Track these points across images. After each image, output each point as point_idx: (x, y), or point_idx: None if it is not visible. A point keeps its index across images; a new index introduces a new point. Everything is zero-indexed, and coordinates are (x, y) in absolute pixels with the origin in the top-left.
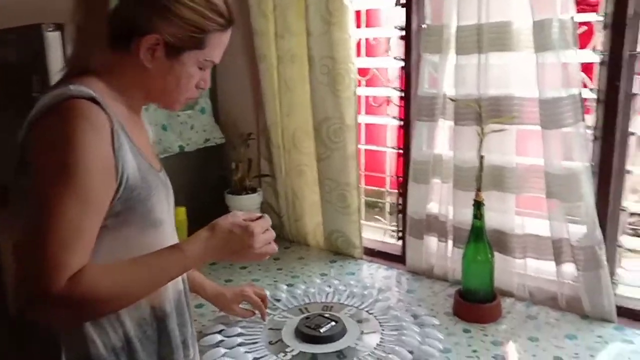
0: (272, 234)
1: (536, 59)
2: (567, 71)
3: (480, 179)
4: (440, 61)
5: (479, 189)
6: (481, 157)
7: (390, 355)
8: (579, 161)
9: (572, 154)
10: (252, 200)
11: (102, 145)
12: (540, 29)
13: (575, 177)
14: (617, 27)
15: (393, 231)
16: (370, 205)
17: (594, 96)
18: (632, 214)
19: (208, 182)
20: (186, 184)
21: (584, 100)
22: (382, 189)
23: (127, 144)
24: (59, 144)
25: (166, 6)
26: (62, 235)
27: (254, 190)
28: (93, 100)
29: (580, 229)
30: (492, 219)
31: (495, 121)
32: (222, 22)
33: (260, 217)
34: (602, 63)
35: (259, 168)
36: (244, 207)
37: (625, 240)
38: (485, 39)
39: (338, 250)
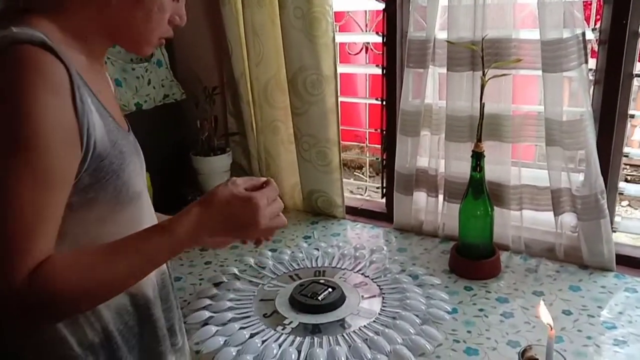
0: (279, 204)
1: None
2: (570, 9)
3: (480, 129)
4: (430, 1)
5: (479, 140)
6: (482, 105)
7: (397, 322)
8: (582, 107)
9: (575, 99)
10: (222, 162)
11: (61, 106)
12: None
13: (579, 123)
14: None
15: (377, 188)
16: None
17: (595, 36)
18: None
19: (170, 143)
20: (146, 147)
21: (586, 41)
22: (362, 144)
23: (91, 101)
24: (8, 110)
25: None
26: (21, 219)
27: (223, 151)
28: (45, 46)
29: (581, 178)
30: (488, 171)
31: (497, 65)
32: None
33: (265, 183)
34: (606, 0)
35: (225, 126)
36: (214, 169)
37: (625, 186)
38: None
39: (318, 211)
